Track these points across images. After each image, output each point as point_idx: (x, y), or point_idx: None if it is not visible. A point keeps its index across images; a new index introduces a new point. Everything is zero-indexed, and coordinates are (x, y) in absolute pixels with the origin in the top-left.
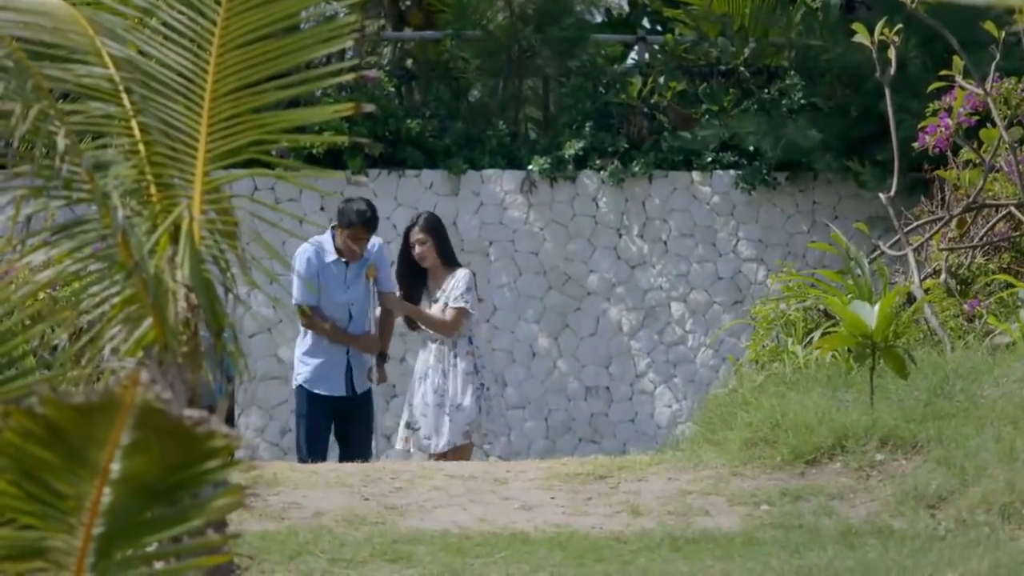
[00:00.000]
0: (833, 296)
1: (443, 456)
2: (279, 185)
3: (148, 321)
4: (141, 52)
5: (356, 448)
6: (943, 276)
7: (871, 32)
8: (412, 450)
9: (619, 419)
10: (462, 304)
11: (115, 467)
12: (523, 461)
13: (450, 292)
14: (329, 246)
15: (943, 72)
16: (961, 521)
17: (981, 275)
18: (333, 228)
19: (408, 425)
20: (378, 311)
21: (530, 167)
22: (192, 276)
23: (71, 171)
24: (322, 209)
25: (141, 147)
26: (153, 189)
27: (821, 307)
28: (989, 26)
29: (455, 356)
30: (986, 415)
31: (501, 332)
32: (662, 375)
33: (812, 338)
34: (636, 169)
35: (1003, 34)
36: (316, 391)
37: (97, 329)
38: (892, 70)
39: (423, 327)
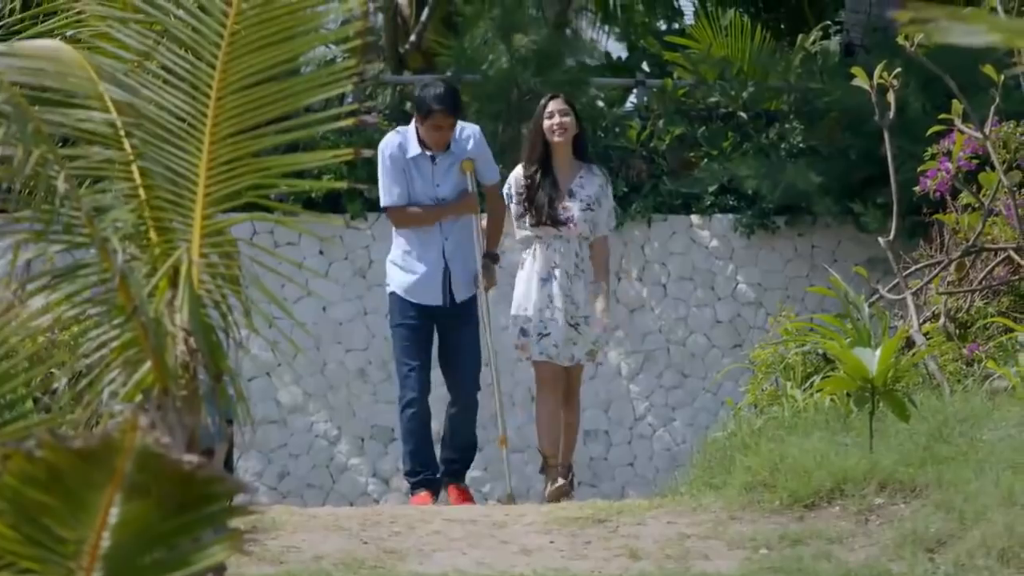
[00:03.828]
0: (832, 340)
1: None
2: (278, 229)
3: (147, 365)
4: (140, 96)
5: (466, 358)
6: (942, 320)
7: (870, 76)
8: (530, 358)
9: (618, 462)
10: (607, 232)
11: (114, 511)
12: (522, 505)
13: (597, 212)
14: (413, 139)
15: (942, 116)
16: (960, 565)
17: (980, 319)
18: (415, 121)
19: (524, 331)
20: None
21: None
22: (191, 320)
23: (71, 215)
24: (321, 253)
25: (140, 191)
26: (152, 233)
27: (820, 351)
28: (988, 70)
29: (582, 260)
30: (985, 459)
31: (500, 374)
32: (661, 419)
33: (811, 382)
34: (635, 212)
35: (1002, 77)
36: (411, 300)
37: (96, 373)
38: (891, 114)
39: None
